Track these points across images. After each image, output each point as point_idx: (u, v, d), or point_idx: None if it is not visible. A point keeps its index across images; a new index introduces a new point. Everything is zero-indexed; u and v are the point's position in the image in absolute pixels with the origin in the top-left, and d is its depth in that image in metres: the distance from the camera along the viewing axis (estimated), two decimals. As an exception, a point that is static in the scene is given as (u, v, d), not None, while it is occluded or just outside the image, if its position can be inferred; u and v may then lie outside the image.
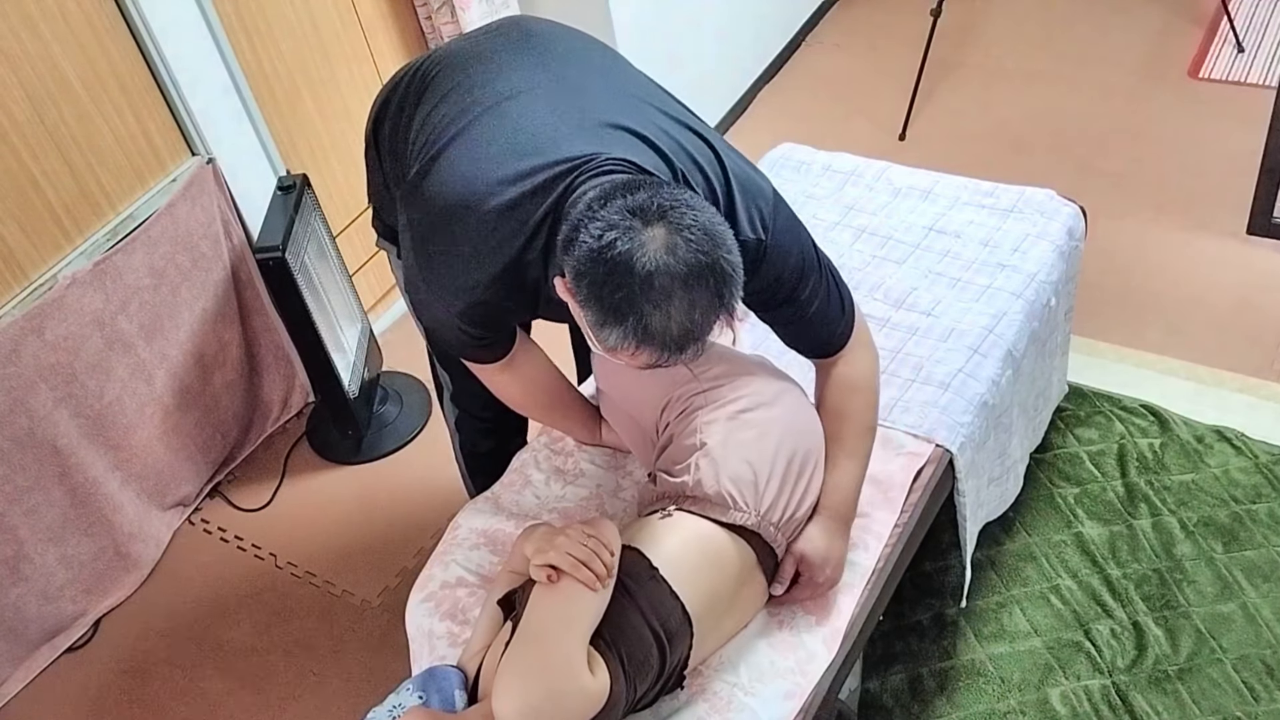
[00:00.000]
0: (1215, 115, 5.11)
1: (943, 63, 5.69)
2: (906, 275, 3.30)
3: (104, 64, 3.50)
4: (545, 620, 2.14)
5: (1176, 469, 3.66)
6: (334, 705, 3.51)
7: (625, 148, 2.24)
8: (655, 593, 2.28)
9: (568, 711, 2.08)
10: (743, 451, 2.47)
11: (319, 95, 4.22)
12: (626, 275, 1.98)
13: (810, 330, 2.54)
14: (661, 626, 2.26)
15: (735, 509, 2.42)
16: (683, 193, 2.08)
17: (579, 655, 2.10)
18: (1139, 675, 3.18)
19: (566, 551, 2.17)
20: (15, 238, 3.41)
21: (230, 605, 3.86)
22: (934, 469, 2.83)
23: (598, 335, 2.07)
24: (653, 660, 2.26)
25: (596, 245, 1.99)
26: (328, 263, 4.02)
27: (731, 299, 2.07)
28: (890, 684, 3.26)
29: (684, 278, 1.99)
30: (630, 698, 2.22)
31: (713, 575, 2.38)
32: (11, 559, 3.57)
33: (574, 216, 2.07)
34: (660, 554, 2.33)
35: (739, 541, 2.43)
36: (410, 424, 4.36)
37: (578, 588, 2.15)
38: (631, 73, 2.52)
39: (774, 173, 3.72)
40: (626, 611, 2.24)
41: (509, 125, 2.27)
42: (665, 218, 2.00)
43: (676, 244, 1.99)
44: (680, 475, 2.48)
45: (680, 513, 2.42)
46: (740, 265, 2.08)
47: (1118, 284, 4.35)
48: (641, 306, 1.99)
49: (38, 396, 3.48)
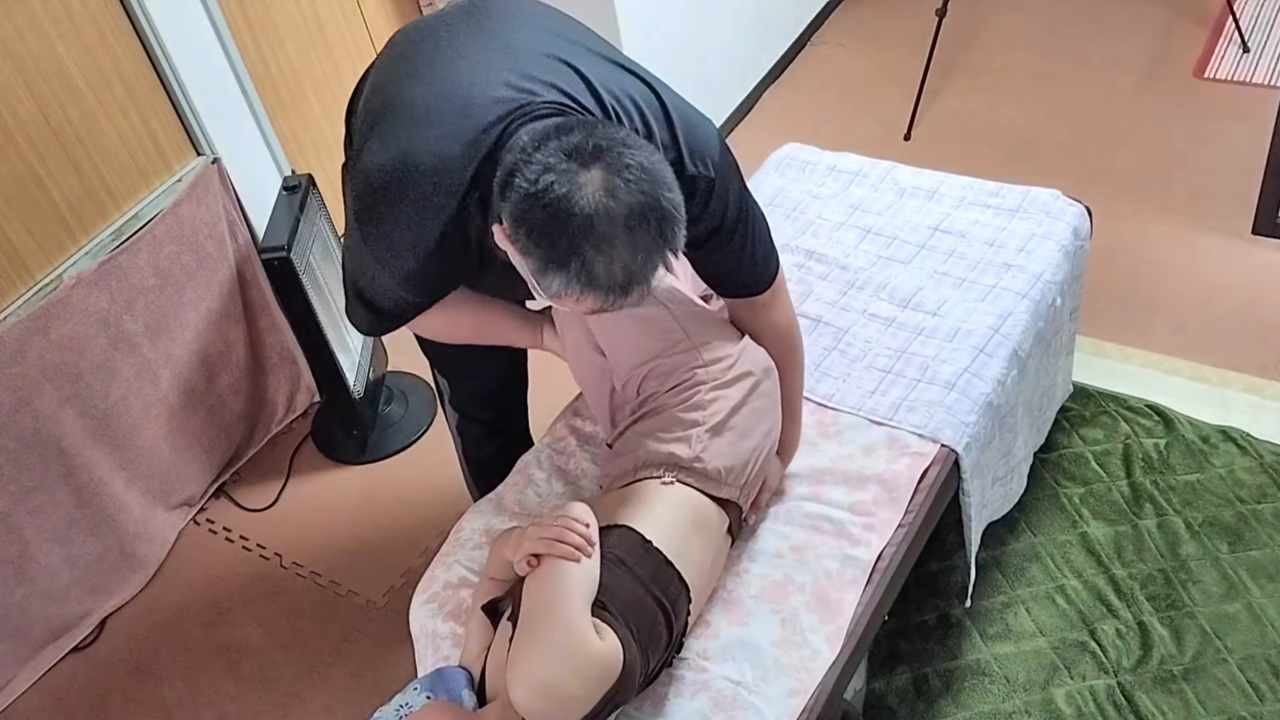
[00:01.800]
0: (1221, 115, 5.10)
1: (948, 63, 5.69)
2: (912, 275, 3.30)
3: (109, 64, 3.50)
4: (540, 601, 2.17)
5: (1182, 469, 3.66)
6: (340, 705, 3.51)
7: (558, 78, 2.22)
8: (652, 564, 2.33)
9: (583, 679, 2.10)
10: (745, 432, 2.54)
11: (324, 95, 4.23)
12: (566, 220, 1.95)
13: (746, 268, 2.52)
14: (663, 594, 2.31)
15: (725, 484, 2.49)
16: (619, 131, 2.05)
17: (582, 623, 2.13)
18: (1144, 675, 3.18)
19: (540, 537, 2.20)
20: (21, 237, 3.42)
21: (235, 605, 3.87)
22: (939, 469, 2.83)
23: (540, 282, 2.05)
24: (660, 628, 2.30)
25: (533, 189, 1.97)
26: (333, 262, 4.02)
27: (674, 238, 2.05)
28: (895, 684, 3.26)
29: (625, 219, 1.97)
30: (645, 669, 2.25)
31: (702, 543, 2.46)
32: (17, 559, 3.57)
33: (509, 161, 2.04)
34: (652, 527, 2.38)
35: (720, 510, 2.51)
36: (415, 424, 4.35)
37: (560, 563, 2.17)
38: (578, 27, 2.45)
39: (779, 172, 3.73)
40: (627, 583, 2.28)
41: (442, 87, 2.22)
42: (602, 158, 1.97)
43: (616, 185, 1.96)
44: (674, 445, 2.50)
45: (677, 484, 2.47)
46: (682, 204, 2.06)
47: (1123, 284, 4.35)
48: (584, 251, 1.97)
49: (43, 396, 3.48)
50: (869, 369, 3.06)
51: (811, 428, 2.95)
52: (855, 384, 3.03)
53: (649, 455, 2.52)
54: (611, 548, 2.33)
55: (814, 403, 3.01)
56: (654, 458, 2.51)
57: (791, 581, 2.60)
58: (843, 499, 2.77)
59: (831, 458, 2.87)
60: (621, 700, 2.19)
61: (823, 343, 3.16)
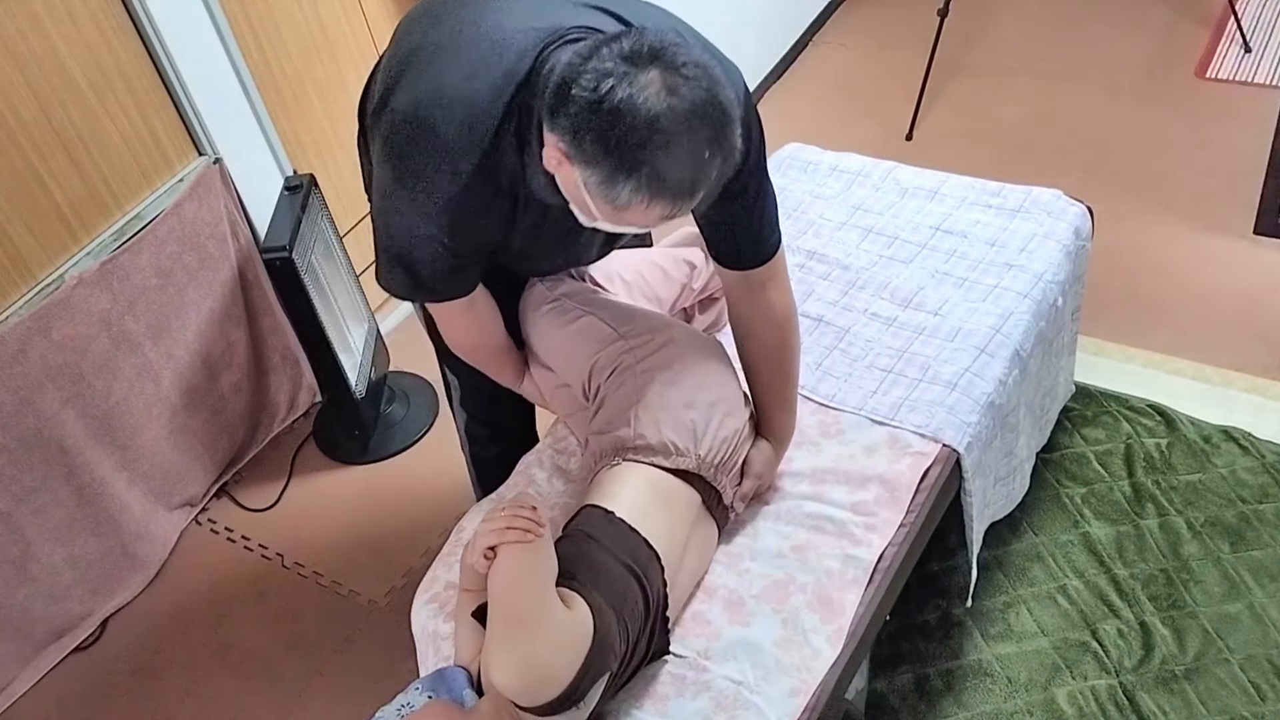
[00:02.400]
0: (1222, 115, 5.11)
1: (950, 63, 5.69)
2: (913, 275, 3.29)
3: (111, 64, 3.50)
4: (501, 586, 2.19)
5: (1184, 469, 3.66)
6: (341, 705, 3.52)
7: (587, 18, 2.20)
8: (615, 533, 2.37)
9: (556, 649, 2.11)
10: (679, 403, 2.56)
11: (326, 95, 4.22)
12: (632, 123, 1.92)
13: (755, 227, 2.50)
14: (631, 559, 2.33)
15: (678, 454, 2.51)
16: (668, 33, 2.03)
17: (546, 597, 2.16)
18: (1146, 675, 3.18)
19: (490, 530, 2.22)
20: (22, 238, 3.42)
21: (237, 605, 3.87)
22: (941, 469, 2.83)
23: (608, 195, 2.02)
24: (634, 593, 2.32)
25: (594, 96, 1.93)
26: (335, 263, 4.02)
27: (731, 142, 2.04)
28: (897, 684, 3.26)
29: (688, 116, 1.95)
30: (625, 633, 2.27)
31: (666, 514, 2.48)
32: (18, 559, 3.58)
33: (558, 76, 2.00)
34: (614, 501, 2.43)
35: (684, 485, 2.53)
36: (417, 424, 4.36)
37: (515, 548, 2.19)
38: None
39: (781, 172, 3.72)
40: (592, 553, 2.32)
41: (468, 29, 2.20)
42: (659, 58, 1.94)
43: (676, 83, 1.94)
44: (619, 429, 2.54)
45: (627, 462, 2.51)
46: (735, 102, 2.05)
47: (1125, 284, 4.35)
48: (653, 154, 1.94)
49: (45, 396, 3.48)
50: (870, 369, 3.06)
51: (813, 427, 2.95)
52: (857, 384, 3.03)
53: (601, 447, 2.58)
54: (577, 526, 2.40)
55: (815, 402, 3.01)
56: (605, 447, 2.56)
57: (793, 581, 2.60)
58: (844, 499, 2.76)
59: (833, 457, 2.87)
60: (602, 668, 2.20)
61: (824, 342, 3.16)
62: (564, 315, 2.72)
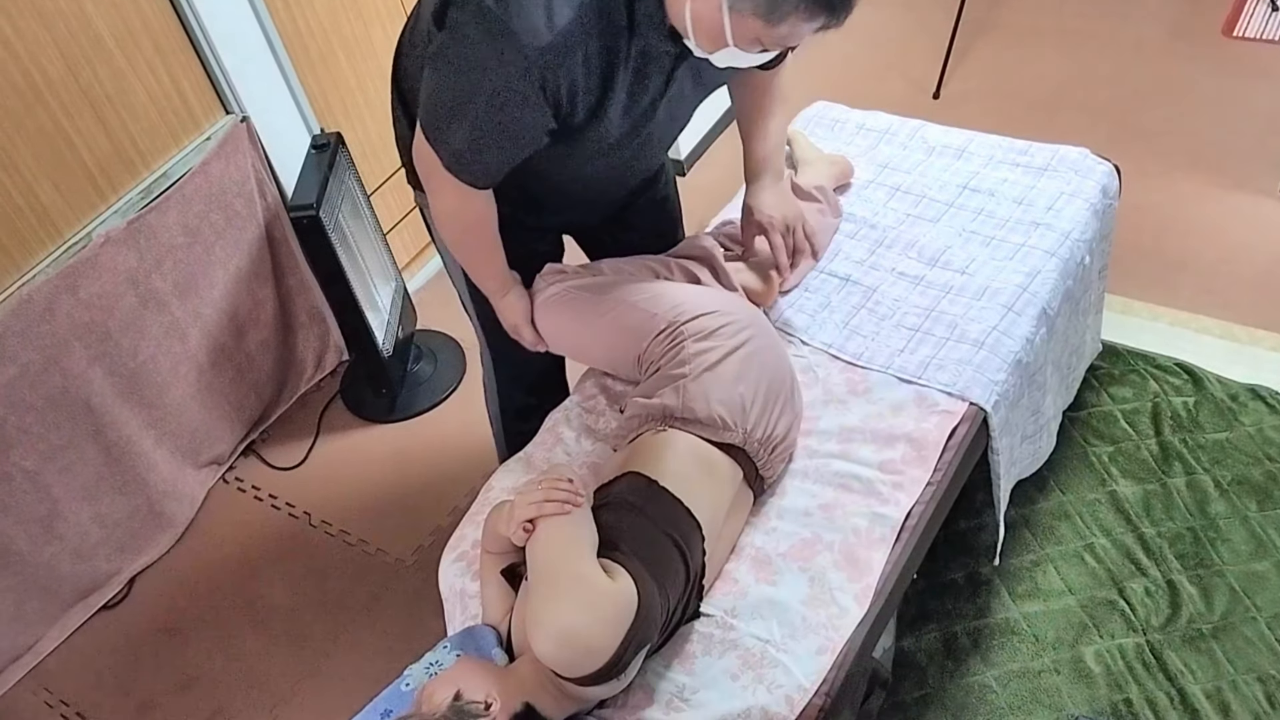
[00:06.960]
0: (1249, 74, 5.08)
1: (977, 21, 5.66)
2: (941, 234, 3.28)
3: (138, 22, 3.50)
4: (542, 559, 2.21)
5: (1211, 427, 3.65)
6: (369, 663, 3.53)
7: None
8: (660, 502, 2.37)
9: (601, 621, 2.11)
10: (739, 376, 2.57)
11: (353, 53, 4.22)
12: None
13: None
14: (674, 529, 2.34)
15: (725, 429, 2.52)
16: None
17: (589, 567, 2.17)
18: (1173, 634, 3.18)
19: (528, 503, 2.24)
20: (50, 196, 3.42)
21: (264, 563, 3.89)
22: (968, 427, 2.82)
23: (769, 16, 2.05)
24: (675, 562, 2.32)
25: None
26: (362, 221, 4.02)
27: None
28: (924, 642, 3.26)
29: None
30: (665, 604, 2.27)
31: (709, 484, 2.48)
32: (45, 517, 3.60)
33: None
34: (659, 470, 2.43)
35: (728, 459, 2.53)
36: (444, 382, 4.36)
37: (555, 520, 2.22)
38: None
39: (809, 130, 3.71)
40: (637, 522, 2.33)
41: None
42: None
43: None
44: (667, 398, 2.55)
45: (674, 430, 2.52)
46: None
47: (1152, 242, 4.33)
48: None
49: (72, 355, 3.49)
50: (898, 327, 3.05)
51: (840, 385, 2.95)
52: (884, 342, 3.02)
53: (644, 410, 2.59)
54: (620, 493, 2.40)
55: (843, 360, 3.01)
56: (649, 411, 2.57)
57: (820, 540, 2.60)
58: (871, 457, 2.76)
59: (860, 416, 2.86)
60: (644, 639, 2.20)
61: (851, 301, 3.15)
62: (608, 293, 2.76)
